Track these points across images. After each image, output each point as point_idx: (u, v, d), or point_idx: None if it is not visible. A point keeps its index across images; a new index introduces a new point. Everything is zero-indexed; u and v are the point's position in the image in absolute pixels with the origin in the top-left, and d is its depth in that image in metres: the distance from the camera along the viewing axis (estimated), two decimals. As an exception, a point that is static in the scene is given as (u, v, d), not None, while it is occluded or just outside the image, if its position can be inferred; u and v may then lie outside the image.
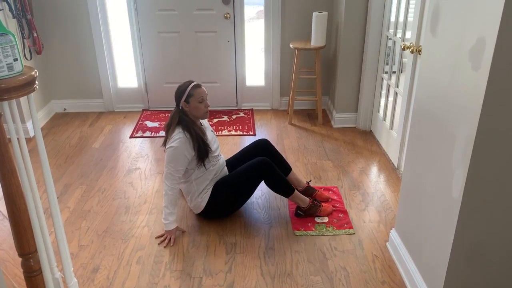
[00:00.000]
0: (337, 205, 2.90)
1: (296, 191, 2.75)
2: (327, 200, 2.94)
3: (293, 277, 2.32)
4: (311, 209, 2.76)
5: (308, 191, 2.92)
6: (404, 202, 2.32)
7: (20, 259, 1.66)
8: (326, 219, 2.76)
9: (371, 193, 3.06)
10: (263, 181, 2.70)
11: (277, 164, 2.82)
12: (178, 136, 2.55)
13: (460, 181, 1.69)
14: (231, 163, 2.88)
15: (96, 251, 2.53)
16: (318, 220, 2.76)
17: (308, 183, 2.97)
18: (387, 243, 2.55)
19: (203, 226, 2.73)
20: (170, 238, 2.59)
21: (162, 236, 2.63)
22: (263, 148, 2.91)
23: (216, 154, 2.72)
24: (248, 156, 2.84)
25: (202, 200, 2.68)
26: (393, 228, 2.49)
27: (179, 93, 2.61)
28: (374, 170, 3.37)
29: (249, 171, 2.66)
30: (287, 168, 2.93)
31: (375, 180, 3.23)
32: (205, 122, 2.81)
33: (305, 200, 2.76)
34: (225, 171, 2.81)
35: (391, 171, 3.34)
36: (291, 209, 2.86)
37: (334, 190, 3.09)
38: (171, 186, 2.56)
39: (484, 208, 1.71)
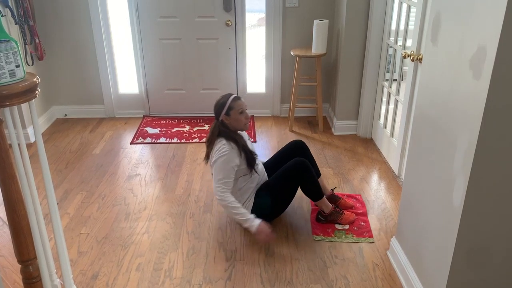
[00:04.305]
0: (360, 211, 2.89)
1: (324, 196, 2.76)
2: (350, 208, 2.93)
3: (293, 285, 2.31)
4: (332, 215, 2.75)
5: (332, 198, 2.91)
6: (405, 210, 2.31)
7: (19, 266, 1.66)
8: (346, 226, 2.76)
9: (371, 201, 3.05)
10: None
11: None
12: (224, 146, 2.54)
13: (461, 189, 1.69)
14: (269, 166, 2.88)
15: (95, 257, 2.53)
16: (338, 227, 2.76)
17: (332, 190, 2.97)
18: (387, 251, 2.54)
19: (203, 233, 2.72)
20: (267, 235, 2.48)
21: (261, 241, 2.55)
22: (299, 149, 2.89)
23: (257, 162, 2.73)
24: (286, 158, 2.81)
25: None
26: (393, 236, 2.49)
27: (219, 106, 2.62)
28: (374, 177, 3.37)
29: (287, 174, 2.65)
30: (317, 173, 2.93)
31: (375, 188, 3.23)
32: (243, 133, 2.80)
33: (329, 206, 2.76)
34: (266, 176, 2.80)
35: (391, 179, 3.34)
36: (313, 214, 2.87)
37: (357, 197, 3.08)
38: (224, 198, 2.50)
39: (485, 216, 1.71)
